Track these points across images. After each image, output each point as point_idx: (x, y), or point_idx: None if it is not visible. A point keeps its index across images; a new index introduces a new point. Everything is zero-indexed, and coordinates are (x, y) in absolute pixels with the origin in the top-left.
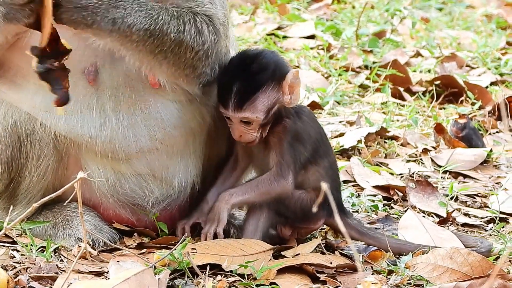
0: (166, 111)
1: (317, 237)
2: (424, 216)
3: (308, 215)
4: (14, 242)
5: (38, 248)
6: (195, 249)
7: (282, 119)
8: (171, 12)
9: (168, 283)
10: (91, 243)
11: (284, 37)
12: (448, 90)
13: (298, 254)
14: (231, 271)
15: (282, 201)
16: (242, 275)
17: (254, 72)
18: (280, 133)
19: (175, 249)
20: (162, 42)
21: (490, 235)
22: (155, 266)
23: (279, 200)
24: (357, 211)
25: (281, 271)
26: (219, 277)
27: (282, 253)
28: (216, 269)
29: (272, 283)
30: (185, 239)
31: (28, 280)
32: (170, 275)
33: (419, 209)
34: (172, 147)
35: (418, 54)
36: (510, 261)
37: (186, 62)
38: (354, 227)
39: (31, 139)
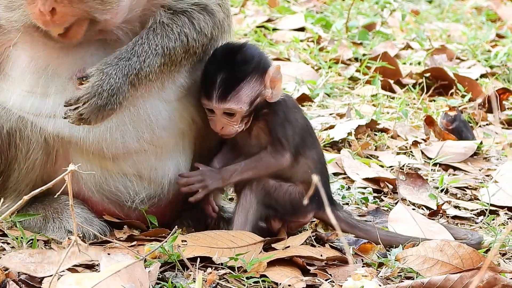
0: (154, 112)
1: (307, 230)
2: (414, 209)
3: (297, 208)
4: (4, 235)
5: (28, 241)
6: (186, 241)
7: (267, 107)
8: (172, 35)
9: (158, 275)
10: (81, 235)
11: (274, 29)
12: (438, 83)
13: (288, 247)
14: (222, 264)
15: (271, 194)
16: (232, 268)
17: (238, 63)
18: (266, 116)
19: (166, 242)
20: (174, 61)
21: (481, 228)
22: (145, 259)
23: (267, 193)
24: (347, 204)
25: (272, 263)
26: (209, 270)
27: (272, 245)
28: (206, 262)
29: (262, 276)
30: (175, 232)
31: (18, 273)
32: (160, 267)
33: (409, 201)
34: (161, 148)
35: (408, 47)
36: (500, 253)
37: (197, 53)
38: (345, 220)
39: (21, 133)
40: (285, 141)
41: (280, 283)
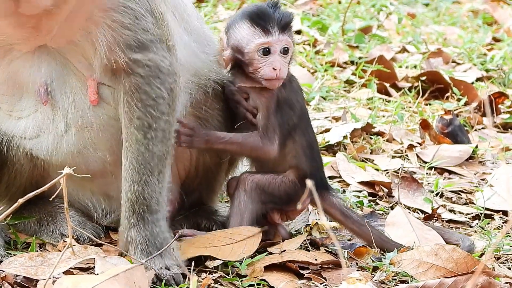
0: (114, 131)
1: (302, 233)
2: (409, 213)
3: (293, 196)
4: None
5: (23, 244)
6: (180, 245)
7: None
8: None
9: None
10: (75, 238)
11: None
12: (434, 86)
13: (285, 251)
14: (216, 267)
15: (265, 190)
16: (227, 272)
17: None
18: (269, 97)
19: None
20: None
21: (475, 232)
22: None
23: (262, 191)
24: None
25: (268, 268)
26: (204, 275)
27: (268, 249)
28: (201, 266)
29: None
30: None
31: (14, 276)
32: None
33: (404, 205)
34: None
35: (404, 50)
36: (495, 257)
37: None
38: (339, 208)
39: (8, 142)
40: (278, 129)
41: (276, 287)
